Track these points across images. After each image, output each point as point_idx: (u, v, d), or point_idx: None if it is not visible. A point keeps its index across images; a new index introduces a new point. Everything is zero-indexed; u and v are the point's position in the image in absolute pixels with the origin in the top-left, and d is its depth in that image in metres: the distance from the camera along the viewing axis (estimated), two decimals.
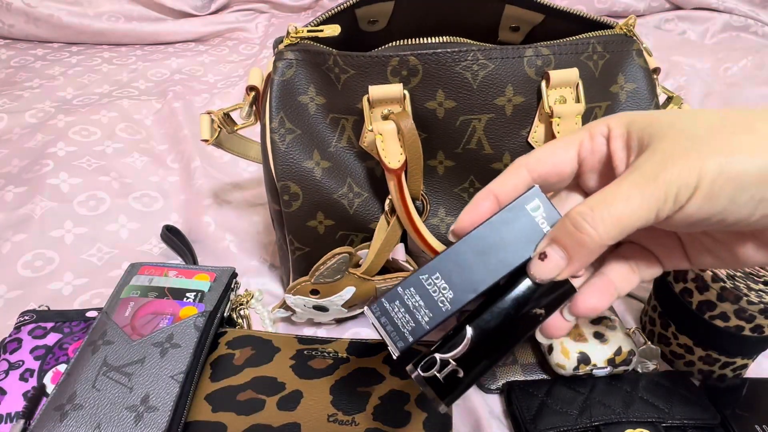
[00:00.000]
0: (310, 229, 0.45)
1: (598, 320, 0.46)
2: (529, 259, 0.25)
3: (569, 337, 0.44)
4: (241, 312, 0.49)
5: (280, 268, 0.55)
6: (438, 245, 0.43)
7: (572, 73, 0.41)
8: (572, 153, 0.27)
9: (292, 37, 0.42)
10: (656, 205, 0.22)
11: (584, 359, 0.42)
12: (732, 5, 1.17)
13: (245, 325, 0.49)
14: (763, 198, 0.22)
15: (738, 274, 0.43)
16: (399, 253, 0.45)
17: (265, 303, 0.53)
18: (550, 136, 0.42)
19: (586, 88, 0.42)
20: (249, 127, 0.47)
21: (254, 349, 0.44)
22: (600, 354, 0.43)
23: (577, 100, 0.42)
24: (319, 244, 0.45)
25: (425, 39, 0.43)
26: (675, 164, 0.22)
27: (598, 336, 0.44)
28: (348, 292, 0.45)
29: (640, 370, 0.45)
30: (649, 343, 0.45)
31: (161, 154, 0.75)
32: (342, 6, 0.43)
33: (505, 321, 0.25)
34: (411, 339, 0.25)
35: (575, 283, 0.26)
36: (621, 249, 0.28)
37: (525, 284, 0.25)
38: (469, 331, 0.25)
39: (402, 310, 0.25)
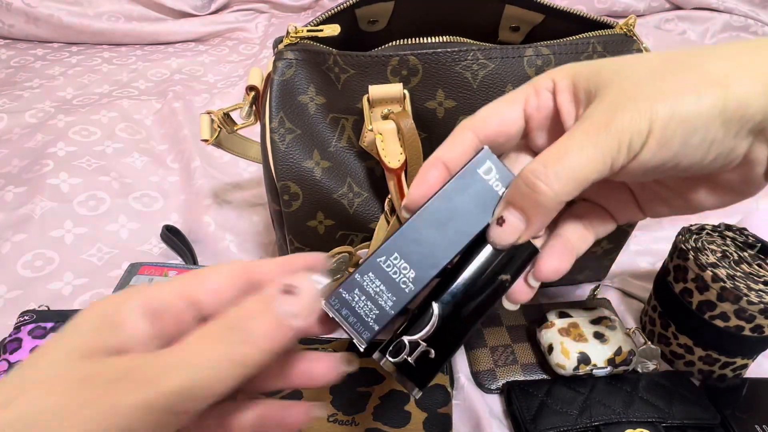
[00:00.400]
0: (310, 229, 0.45)
1: (598, 320, 0.46)
2: (488, 226, 0.24)
3: (569, 338, 0.44)
4: None
5: None
6: None
7: None
8: (518, 110, 0.25)
9: (291, 36, 0.42)
10: (610, 154, 0.21)
11: (584, 359, 0.42)
12: (732, 5, 1.17)
13: None
14: (715, 138, 0.21)
15: (738, 274, 0.43)
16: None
17: None
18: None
19: None
20: (249, 127, 0.47)
21: None
22: (600, 354, 0.43)
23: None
24: (319, 244, 0.45)
25: (425, 39, 0.43)
26: (625, 111, 0.21)
27: (598, 336, 0.44)
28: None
29: (640, 370, 0.45)
30: (649, 343, 0.45)
31: (161, 154, 0.75)
32: (342, 6, 0.43)
33: (471, 292, 0.24)
34: (377, 327, 0.23)
35: (536, 243, 0.25)
36: (573, 208, 0.27)
37: (487, 252, 0.24)
38: (435, 308, 0.24)
39: (363, 298, 0.23)
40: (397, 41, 0.42)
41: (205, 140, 0.48)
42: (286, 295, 0.20)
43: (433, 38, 0.43)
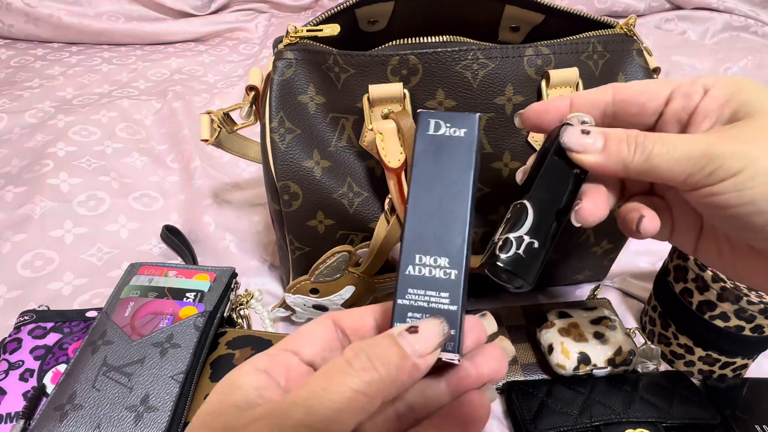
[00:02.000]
0: (310, 228, 0.45)
1: (598, 320, 0.46)
2: (474, 177, 0.23)
3: (569, 338, 0.44)
4: (241, 312, 0.49)
5: (280, 268, 0.55)
6: None
7: (572, 73, 0.41)
8: (666, 89, 0.25)
9: (291, 36, 0.42)
10: (689, 168, 0.22)
11: (584, 359, 0.42)
12: (732, 5, 1.17)
13: (245, 325, 0.49)
14: None
15: None
16: (398, 253, 0.45)
17: (265, 303, 0.53)
18: None
19: (586, 87, 0.42)
20: (249, 127, 0.47)
21: (254, 349, 0.44)
22: (600, 354, 0.43)
23: None
24: (319, 244, 0.45)
25: (425, 38, 0.43)
26: (735, 143, 0.21)
27: (598, 336, 0.44)
28: (348, 291, 0.45)
29: (640, 370, 0.45)
30: (650, 343, 0.45)
31: (161, 154, 0.75)
32: (342, 6, 0.43)
33: (552, 183, 0.25)
34: (455, 332, 0.21)
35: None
36: (652, 197, 0.28)
37: (554, 159, 0.26)
38: (528, 204, 0.25)
39: (421, 316, 0.22)
40: (397, 41, 0.42)
41: (205, 140, 0.48)
42: (411, 333, 0.20)
43: (433, 38, 0.43)
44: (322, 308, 0.47)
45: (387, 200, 0.43)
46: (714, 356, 0.44)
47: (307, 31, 0.41)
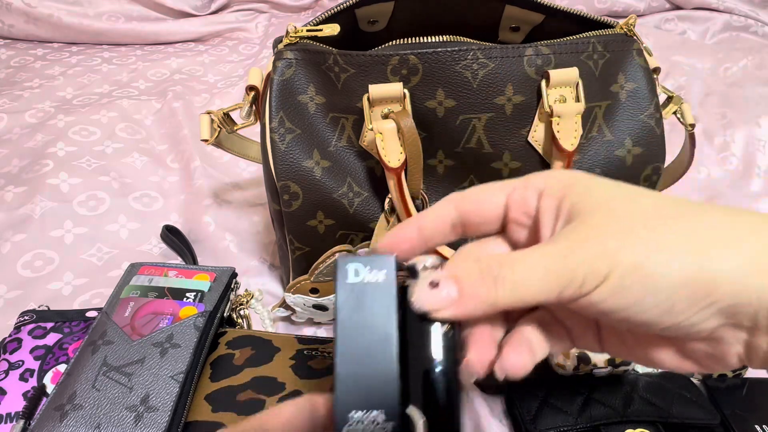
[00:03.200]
0: (310, 228, 0.45)
1: None
2: (404, 312, 0.22)
3: None
4: (241, 312, 0.49)
5: (280, 268, 0.55)
6: None
7: (572, 73, 0.41)
8: (501, 197, 0.24)
9: (291, 36, 0.42)
10: (558, 285, 0.20)
11: (584, 359, 0.42)
12: (732, 5, 1.17)
13: (245, 325, 0.49)
14: (675, 307, 0.19)
15: None
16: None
17: (265, 303, 0.53)
18: (549, 135, 0.42)
19: (586, 87, 0.42)
20: (249, 127, 0.47)
21: (254, 349, 0.44)
22: (600, 354, 0.43)
23: (577, 99, 0.42)
24: (319, 244, 0.45)
25: (425, 38, 0.43)
26: (590, 248, 0.20)
27: None
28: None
29: (640, 370, 0.45)
30: None
31: (161, 154, 0.75)
32: (342, 6, 0.43)
33: (424, 358, 0.22)
34: None
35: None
36: (536, 313, 0.26)
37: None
38: (412, 414, 0.22)
39: None
40: (397, 41, 0.42)
41: (205, 140, 0.48)
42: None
43: (433, 38, 0.43)
44: (322, 308, 0.47)
45: (387, 200, 0.43)
46: None
47: (307, 30, 0.41)
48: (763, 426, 0.41)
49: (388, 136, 0.41)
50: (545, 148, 0.43)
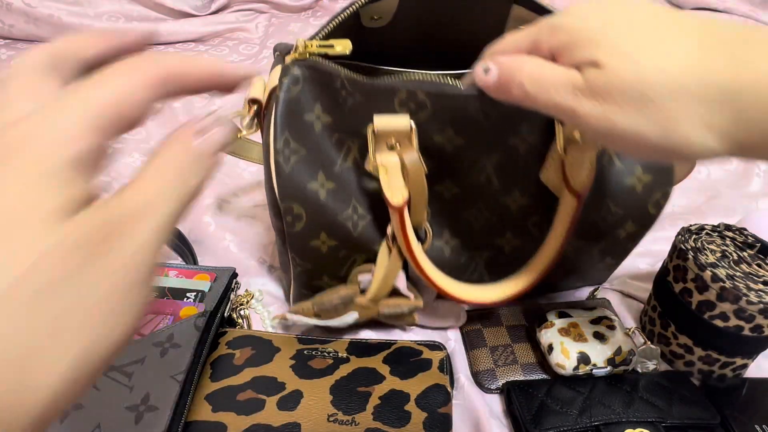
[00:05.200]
0: (313, 248, 0.44)
1: (597, 320, 0.46)
2: None
3: (569, 338, 0.44)
4: (242, 312, 0.49)
5: (280, 270, 0.55)
6: (438, 276, 0.42)
7: None
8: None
9: (300, 52, 0.39)
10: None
11: (584, 359, 0.42)
12: (732, 5, 1.17)
13: (245, 325, 0.49)
14: None
15: (737, 274, 0.43)
16: (400, 282, 0.44)
17: (266, 303, 0.53)
18: (560, 175, 0.41)
19: None
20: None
21: (254, 349, 0.44)
22: (600, 354, 0.43)
23: None
24: (321, 262, 0.45)
25: (439, 78, 0.38)
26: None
27: (598, 336, 0.44)
28: (350, 316, 0.44)
29: (640, 370, 0.45)
30: (649, 343, 0.45)
31: None
32: (349, 10, 0.42)
33: None
34: None
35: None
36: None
37: None
38: None
39: None
40: (407, 75, 0.39)
41: None
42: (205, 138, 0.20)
43: (448, 79, 0.39)
44: (326, 328, 0.47)
45: (389, 228, 0.42)
46: (713, 356, 0.44)
47: (318, 46, 0.39)
48: (763, 426, 0.41)
49: (392, 172, 0.39)
50: (556, 186, 0.42)
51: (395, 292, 0.45)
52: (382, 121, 0.38)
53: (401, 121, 0.38)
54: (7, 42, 1.06)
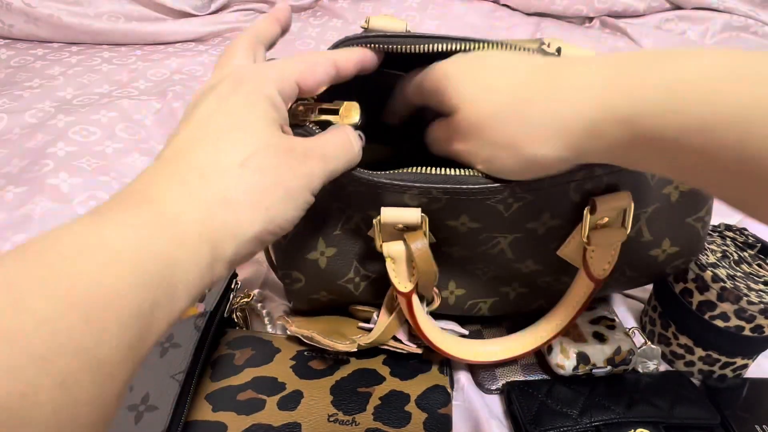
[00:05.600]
0: (313, 299, 0.43)
1: (597, 320, 0.46)
2: None
3: (569, 337, 0.44)
4: (241, 313, 0.49)
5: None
6: (442, 339, 0.41)
7: (623, 199, 0.35)
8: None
9: (300, 119, 0.33)
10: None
11: (584, 359, 0.42)
12: (732, 5, 1.17)
13: (245, 326, 0.49)
14: None
15: (738, 274, 0.43)
16: (402, 335, 0.44)
17: (266, 304, 0.53)
18: (581, 257, 0.37)
19: (635, 197, 0.35)
20: None
21: (254, 350, 0.44)
22: (599, 354, 0.43)
23: (623, 224, 0.36)
24: (321, 308, 0.45)
25: (451, 171, 0.33)
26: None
27: (598, 336, 0.44)
28: (348, 347, 0.44)
29: (640, 370, 0.45)
30: (649, 343, 0.45)
31: None
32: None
33: None
34: None
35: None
36: None
37: None
38: None
39: None
40: (418, 169, 0.34)
41: None
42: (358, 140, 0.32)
43: (461, 170, 0.33)
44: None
45: (389, 294, 0.41)
46: (714, 356, 0.44)
47: (320, 112, 0.33)
48: (763, 426, 0.41)
49: (400, 261, 0.37)
50: (575, 261, 0.38)
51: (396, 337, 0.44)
52: (390, 214, 0.35)
53: (411, 215, 0.35)
54: (7, 42, 1.06)
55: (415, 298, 0.38)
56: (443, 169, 0.34)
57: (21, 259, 0.18)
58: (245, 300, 0.49)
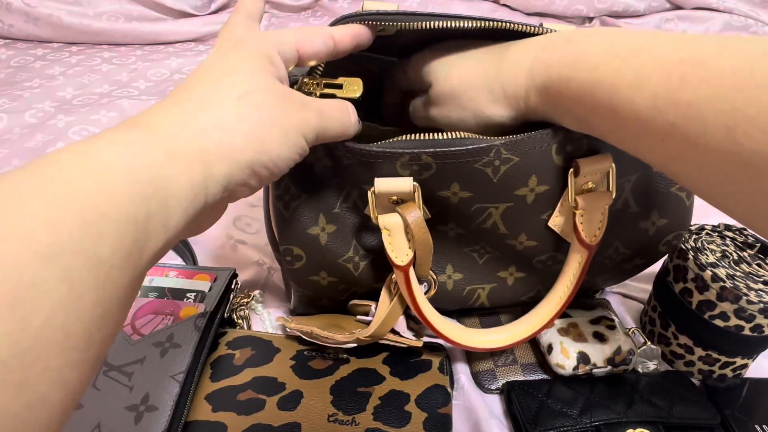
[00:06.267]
0: (313, 281, 0.43)
1: (597, 320, 0.46)
2: None
3: (569, 337, 0.44)
4: (241, 313, 0.49)
5: (281, 272, 0.55)
6: (447, 327, 0.41)
7: (605, 161, 0.36)
8: None
9: (305, 92, 0.35)
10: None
11: (584, 359, 0.42)
12: (732, 5, 1.17)
13: (245, 326, 0.49)
14: None
15: (737, 274, 0.43)
16: (400, 326, 0.44)
17: (266, 304, 0.53)
18: (571, 224, 0.39)
19: (616, 162, 0.37)
20: None
21: (254, 350, 0.44)
22: (599, 353, 0.43)
23: (607, 188, 0.38)
24: (322, 292, 0.45)
25: (439, 134, 0.36)
26: None
27: (598, 336, 0.44)
28: (349, 345, 0.44)
29: (640, 370, 0.45)
30: (649, 343, 0.45)
31: None
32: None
33: None
34: None
35: None
36: None
37: None
38: None
39: None
40: (408, 136, 0.36)
41: None
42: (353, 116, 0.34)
43: (447, 134, 0.36)
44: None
45: (388, 279, 0.41)
46: (714, 356, 0.44)
47: (325, 86, 0.35)
48: (763, 426, 0.41)
49: (395, 233, 0.37)
50: (565, 232, 0.40)
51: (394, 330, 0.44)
52: (383, 184, 0.36)
53: (404, 184, 0.36)
54: (7, 42, 1.06)
55: (412, 273, 0.39)
56: (431, 134, 0.36)
57: (23, 172, 0.19)
58: (245, 300, 0.49)
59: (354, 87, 0.36)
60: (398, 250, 0.38)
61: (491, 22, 0.35)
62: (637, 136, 0.28)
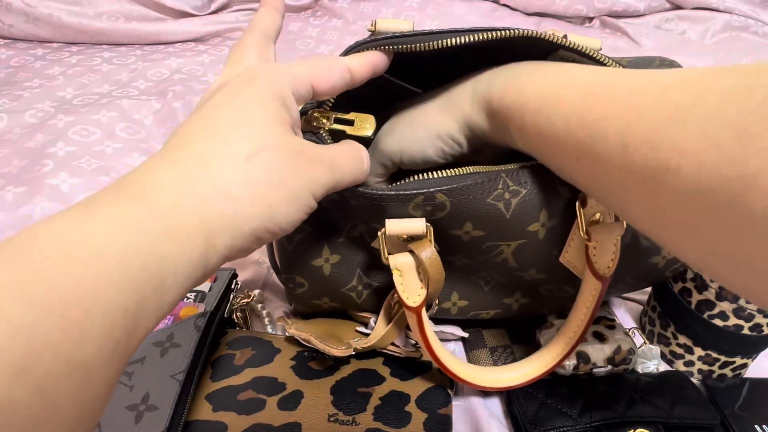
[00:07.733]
0: (315, 305, 0.43)
1: (597, 320, 0.46)
2: None
3: None
4: (241, 313, 0.49)
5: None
6: (455, 363, 0.40)
7: None
8: None
9: (312, 126, 0.34)
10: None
11: (584, 359, 0.42)
12: (732, 5, 1.17)
13: (245, 326, 0.49)
14: None
15: None
16: (399, 341, 0.44)
17: (266, 304, 0.53)
18: (583, 257, 0.38)
19: None
20: None
21: (254, 350, 0.44)
22: (599, 353, 0.43)
23: (617, 218, 0.37)
24: (322, 312, 0.45)
25: (448, 172, 0.35)
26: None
27: (598, 335, 0.44)
28: (346, 352, 0.44)
29: (640, 370, 0.45)
30: (649, 343, 0.45)
31: None
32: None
33: None
34: None
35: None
36: None
37: None
38: None
39: None
40: (421, 175, 0.34)
41: None
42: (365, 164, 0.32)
43: (458, 170, 0.35)
44: None
45: (388, 298, 0.41)
46: (713, 356, 0.44)
47: (335, 121, 0.34)
48: (763, 426, 0.41)
49: (407, 273, 0.36)
50: (577, 269, 0.39)
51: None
52: (395, 226, 0.35)
53: (416, 225, 0.35)
54: (7, 42, 1.06)
55: (425, 315, 0.37)
56: (443, 171, 0.34)
57: (1, 257, 0.17)
58: (245, 300, 0.49)
59: (366, 125, 0.33)
60: (410, 291, 0.36)
61: (512, 31, 0.32)
62: (557, 155, 0.29)
